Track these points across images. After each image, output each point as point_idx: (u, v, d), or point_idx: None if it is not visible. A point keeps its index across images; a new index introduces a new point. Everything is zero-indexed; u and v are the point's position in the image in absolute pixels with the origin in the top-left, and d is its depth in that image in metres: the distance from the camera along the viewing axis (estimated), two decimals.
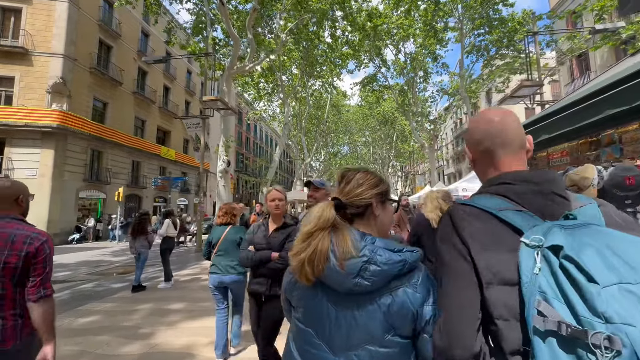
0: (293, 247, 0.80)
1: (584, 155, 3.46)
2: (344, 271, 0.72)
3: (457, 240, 0.63)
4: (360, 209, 0.81)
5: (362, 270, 0.71)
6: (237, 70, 10.83)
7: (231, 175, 14.37)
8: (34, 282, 1.24)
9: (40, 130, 13.54)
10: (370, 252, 0.73)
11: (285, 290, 0.90)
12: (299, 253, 0.77)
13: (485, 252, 0.60)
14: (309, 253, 0.75)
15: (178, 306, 4.29)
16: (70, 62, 14.40)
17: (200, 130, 11.18)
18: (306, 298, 0.81)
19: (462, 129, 33.15)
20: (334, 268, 0.73)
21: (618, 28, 7.87)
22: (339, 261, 0.72)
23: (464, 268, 0.61)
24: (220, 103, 9.24)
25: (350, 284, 0.72)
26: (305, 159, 23.26)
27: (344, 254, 0.72)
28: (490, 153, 0.72)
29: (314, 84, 20.32)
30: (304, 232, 0.79)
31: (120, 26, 17.56)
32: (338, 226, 0.77)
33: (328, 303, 0.77)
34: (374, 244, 0.74)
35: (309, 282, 0.76)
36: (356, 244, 0.73)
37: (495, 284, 0.58)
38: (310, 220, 0.79)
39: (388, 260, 0.71)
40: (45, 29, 14.03)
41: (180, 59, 24.03)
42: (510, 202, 0.64)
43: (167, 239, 5.31)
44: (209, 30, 11.08)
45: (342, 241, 0.74)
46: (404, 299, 0.71)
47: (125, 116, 18.24)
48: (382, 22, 13.22)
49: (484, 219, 0.63)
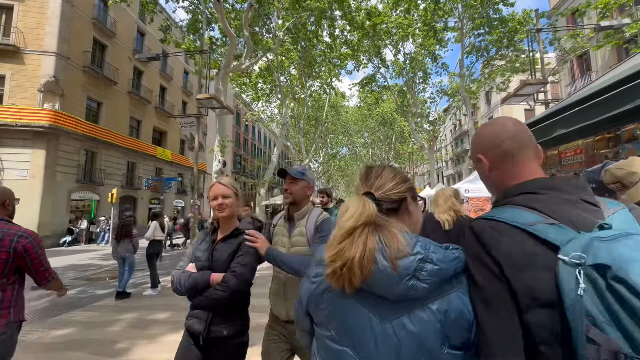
0: (329, 248, 0.68)
1: (600, 153, 3.20)
2: (397, 272, 0.62)
3: (488, 260, 0.58)
4: (394, 204, 0.74)
5: (418, 270, 0.62)
6: (233, 68, 10.60)
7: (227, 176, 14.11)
8: (39, 274, 1.54)
9: (31, 130, 13.22)
10: (424, 248, 0.64)
11: (307, 305, 0.76)
12: (342, 253, 0.65)
13: (521, 272, 0.55)
14: (359, 251, 0.63)
15: (163, 316, 3.99)
16: (63, 60, 14.11)
17: (195, 129, 10.91)
18: (340, 310, 0.69)
19: (462, 130, 33.06)
20: (385, 270, 0.62)
21: (623, 25, 7.66)
22: (390, 261, 0.62)
23: (499, 291, 0.57)
24: (215, 102, 8.98)
25: (404, 287, 0.62)
26: (304, 160, 23.06)
27: (397, 252, 0.63)
28: (510, 156, 0.68)
29: (313, 84, 20.12)
30: (345, 228, 0.67)
31: (115, 25, 17.29)
32: (381, 222, 0.68)
33: (370, 314, 0.66)
34: (421, 240, 0.67)
35: (351, 289, 0.65)
36: (407, 240, 0.65)
37: (535, 306, 0.54)
38: (351, 215, 0.67)
39: (444, 257, 0.64)
40: (38, 26, 13.74)
41: (177, 60, 23.82)
42: (539, 214, 0.59)
43: (154, 243, 4.99)
44: (204, 28, 10.85)
45: (393, 238, 0.65)
46: (459, 305, 0.62)
47: (120, 116, 17.93)
48: (382, 20, 13.04)
49: (514, 236, 0.58)
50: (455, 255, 0.65)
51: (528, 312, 0.54)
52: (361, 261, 0.63)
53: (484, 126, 0.76)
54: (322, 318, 0.72)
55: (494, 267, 0.57)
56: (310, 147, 24.71)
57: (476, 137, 0.76)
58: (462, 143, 34.03)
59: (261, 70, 17.23)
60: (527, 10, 12.98)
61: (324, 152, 30.70)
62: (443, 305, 0.62)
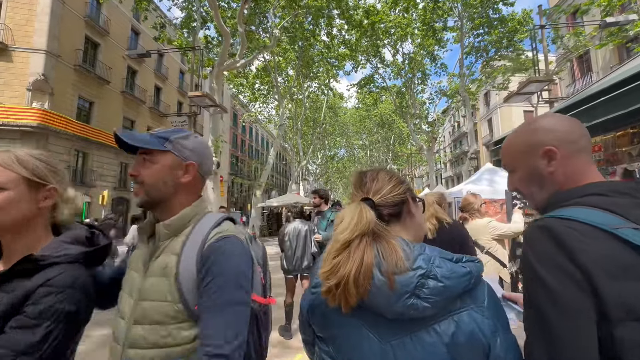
0: (324, 263, 0.62)
1: (623, 151, 2.90)
2: (393, 290, 0.56)
3: (570, 266, 0.53)
4: (395, 208, 0.67)
5: (418, 287, 0.55)
6: (227, 66, 10.30)
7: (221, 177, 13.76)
8: None
9: (19, 129, 12.81)
10: (426, 262, 0.57)
11: (306, 314, 0.70)
12: (337, 269, 0.59)
13: (614, 281, 0.51)
14: (355, 267, 0.57)
15: None
16: (53, 58, 13.73)
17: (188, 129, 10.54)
18: (337, 326, 0.64)
19: (460, 132, 32.94)
20: (381, 286, 0.57)
21: (630, 21, 7.41)
22: (386, 276, 0.56)
23: (580, 299, 0.52)
24: (208, 100, 8.64)
25: (403, 306, 0.56)
26: (301, 162, 22.77)
27: (394, 266, 0.56)
28: (584, 153, 0.66)
29: (311, 85, 19.90)
30: (341, 241, 0.60)
31: (108, 23, 16.94)
32: (379, 232, 0.62)
33: (369, 333, 0.60)
34: (426, 251, 0.60)
35: (348, 308, 0.58)
36: (408, 253, 0.58)
37: (629, 320, 0.50)
38: (346, 225, 0.61)
39: (451, 273, 0.56)
40: (27, 23, 13.37)
41: (173, 60, 23.50)
42: (618, 216, 0.55)
43: (134, 249, 4.61)
44: (197, 25, 10.55)
45: (390, 250, 0.59)
46: (471, 326, 0.55)
47: (113, 116, 17.54)
48: (380, 19, 12.83)
49: (601, 240, 0.53)
50: (466, 270, 0.57)
51: (619, 326, 0.50)
52: (357, 278, 0.57)
53: (553, 118, 0.70)
54: (323, 332, 0.67)
55: (577, 274, 0.52)
56: (307, 149, 24.44)
57: (546, 129, 0.68)
58: (460, 145, 33.90)
59: (258, 71, 17.00)
60: (527, 10, 12.87)
61: (322, 154, 30.43)
62: (450, 327, 0.55)
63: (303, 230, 3.34)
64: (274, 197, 22.46)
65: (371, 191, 0.68)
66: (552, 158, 0.66)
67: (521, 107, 24.30)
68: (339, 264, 0.59)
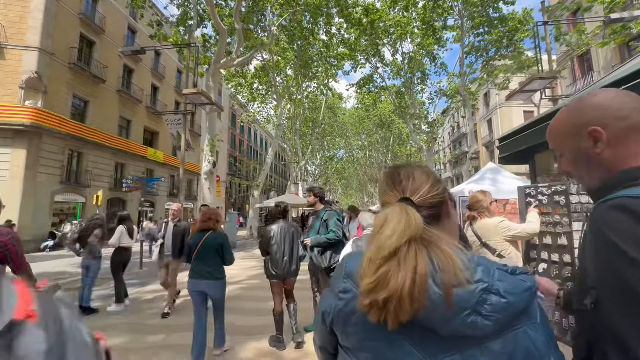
0: (366, 273, 0.54)
1: None
2: (453, 305, 0.49)
3: None
4: (434, 209, 0.61)
5: (479, 304, 0.50)
6: (224, 64, 10.10)
7: (218, 177, 13.53)
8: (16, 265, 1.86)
9: (11, 128, 12.55)
10: (487, 274, 0.52)
11: (330, 322, 0.62)
12: (386, 281, 0.51)
13: None
14: (409, 279, 0.50)
15: (120, 340, 3.36)
16: (46, 56, 13.48)
17: (182, 127, 10.35)
18: (371, 338, 0.56)
19: (460, 132, 32.84)
20: (437, 300, 0.50)
21: (635, 17, 7.25)
22: (444, 289, 0.50)
23: None
24: (203, 97, 8.43)
25: (462, 324, 0.50)
26: (300, 162, 22.56)
27: (454, 278, 0.50)
28: (638, 131, 0.61)
29: (309, 85, 19.72)
30: (389, 248, 0.53)
31: (104, 21, 16.72)
32: (428, 237, 0.54)
33: (413, 349, 0.54)
34: (481, 261, 0.54)
35: (397, 325, 0.51)
36: (465, 262, 0.52)
37: None
38: (393, 229, 0.54)
39: (514, 287, 0.51)
40: (20, 20, 13.13)
41: (170, 59, 23.30)
42: None
43: (120, 251, 4.33)
44: (194, 22, 10.36)
45: (447, 259, 0.52)
46: (527, 344, 0.51)
47: (109, 115, 17.28)
48: (380, 16, 12.67)
49: None
50: (527, 285, 0.53)
51: None
52: (412, 292, 0.49)
53: (601, 94, 0.66)
54: (350, 343, 0.59)
55: None
56: (306, 149, 24.24)
57: (592, 107, 0.64)
58: (460, 145, 33.80)
59: (257, 71, 16.82)
60: (527, 9, 12.75)
61: (320, 154, 30.22)
62: (507, 346, 0.51)
63: (290, 232, 3.13)
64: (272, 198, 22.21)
65: (407, 190, 0.61)
66: (598, 139, 0.62)
67: (521, 108, 24.18)
68: (388, 274, 0.51)
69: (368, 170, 31.84)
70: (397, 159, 29.86)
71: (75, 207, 15.74)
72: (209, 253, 2.83)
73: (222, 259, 2.89)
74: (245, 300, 4.83)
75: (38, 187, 13.26)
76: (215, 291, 2.83)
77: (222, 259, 2.88)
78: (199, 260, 2.83)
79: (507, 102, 23.34)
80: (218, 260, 2.87)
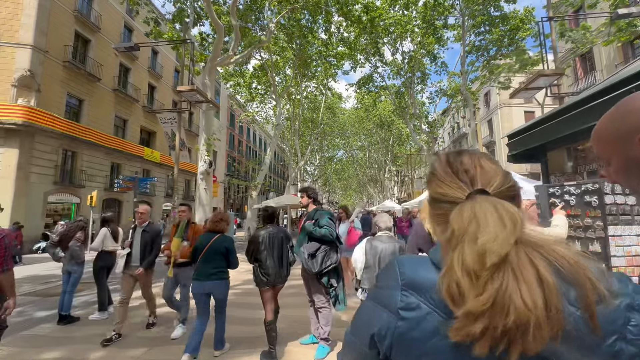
0: (466, 288, 0.41)
1: None
2: (598, 330, 0.39)
3: None
4: None
5: (624, 325, 0.40)
6: (220, 61, 9.86)
7: (214, 177, 13.25)
8: None
9: (2, 127, 12.27)
10: (625, 286, 0.42)
11: (388, 346, 0.48)
12: (504, 297, 0.39)
13: None
14: (539, 295, 0.38)
15: (100, 355, 3.09)
16: (40, 54, 13.22)
17: (177, 126, 10.11)
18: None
19: (460, 132, 32.65)
20: (577, 323, 0.39)
21: None
22: (585, 308, 0.39)
23: None
24: (198, 95, 8.19)
25: (607, 353, 0.39)
26: (299, 163, 22.31)
27: (592, 291, 0.40)
28: None
29: (309, 85, 19.50)
30: (499, 254, 0.40)
31: (100, 19, 16.47)
32: (533, 237, 0.44)
33: None
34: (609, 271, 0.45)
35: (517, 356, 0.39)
36: (598, 272, 0.41)
37: None
38: (494, 230, 0.42)
39: None
40: (13, 17, 12.87)
41: (168, 58, 23.06)
42: None
43: (103, 255, 4.04)
44: (191, 20, 10.12)
45: (573, 265, 0.41)
46: None
47: (104, 115, 17.01)
48: (380, 14, 12.47)
49: None
50: None
51: None
52: (548, 313, 0.38)
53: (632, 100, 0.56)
54: None
55: None
56: (305, 150, 23.99)
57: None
58: (460, 146, 33.60)
59: (255, 70, 16.58)
60: (528, 8, 12.56)
61: (320, 155, 29.97)
62: None
63: (279, 237, 2.96)
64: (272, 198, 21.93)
65: (478, 181, 0.50)
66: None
67: (522, 108, 24.00)
68: (507, 289, 0.39)
69: (368, 170, 31.58)
70: (397, 159, 29.62)
71: (69, 208, 15.44)
72: (216, 255, 2.89)
73: (227, 263, 2.95)
74: (238, 307, 4.56)
75: (31, 188, 12.97)
76: (220, 290, 2.89)
77: (227, 262, 2.95)
78: (205, 261, 2.86)
79: (507, 103, 23.15)
80: (223, 263, 2.93)
